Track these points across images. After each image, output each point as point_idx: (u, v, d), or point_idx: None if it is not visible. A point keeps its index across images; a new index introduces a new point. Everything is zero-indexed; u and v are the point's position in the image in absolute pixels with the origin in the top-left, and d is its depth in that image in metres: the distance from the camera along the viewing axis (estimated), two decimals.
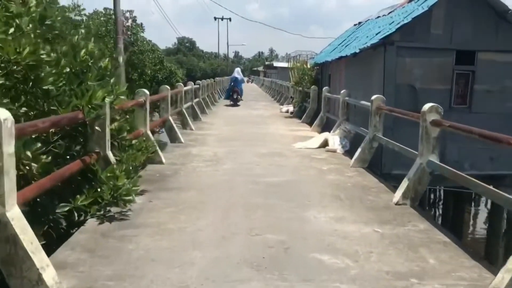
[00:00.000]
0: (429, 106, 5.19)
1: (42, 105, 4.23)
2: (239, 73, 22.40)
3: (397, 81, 8.54)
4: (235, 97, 21.45)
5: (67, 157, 4.64)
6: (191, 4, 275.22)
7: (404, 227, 4.42)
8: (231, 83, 22.01)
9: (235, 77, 21.86)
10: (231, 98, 21.67)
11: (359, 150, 7.46)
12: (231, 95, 21.75)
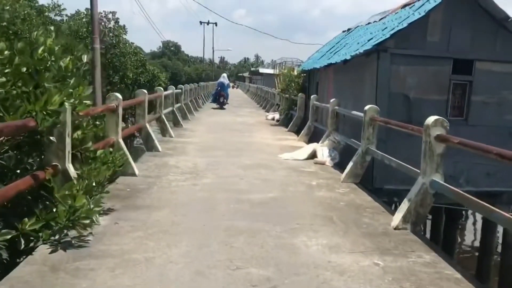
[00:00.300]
0: (433, 119, 4.64)
1: None
2: (225, 78, 23.14)
3: (390, 90, 8.03)
4: (221, 100, 22.42)
5: (18, 171, 3.98)
6: (178, 7, 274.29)
7: (407, 258, 3.84)
8: (218, 88, 22.90)
9: (222, 82, 22.69)
10: (217, 101, 22.57)
11: (350, 164, 6.90)
12: (217, 99, 22.67)
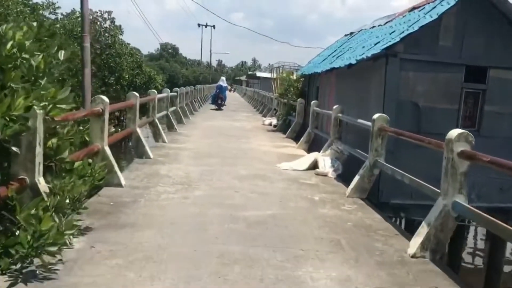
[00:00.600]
0: (456, 133, 4.09)
1: None
2: (224, 82, 25.21)
3: (398, 98, 7.49)
4: (219, 102, 24.39)
5: None
6: (176, 9, 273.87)
7: None
8: (217, 90, 24.80)
9: (220, 85, 24.70)
10: (216, 103, 24.51)
11: (357, 177, 6.34)
12: (216, 101, 24.61)
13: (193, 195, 5.75)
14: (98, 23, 24.23)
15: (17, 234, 3.22)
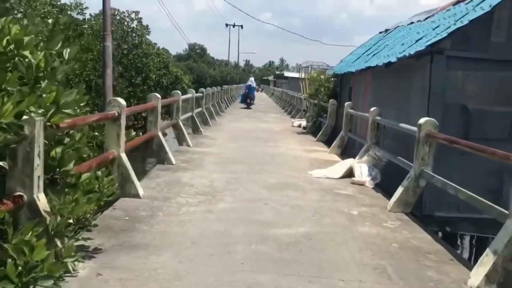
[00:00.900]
0: None
1: None
2: (252, 82, 27.66)
3: (445, 100, 6.74)
4: (248, 101, 26.15)
5: None
6: (204, 10, 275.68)
7: None
8: (246, 90, 26.91)
9: (249, 85, 26.90)
10: (245, 102, 26.30)
11: (400, 189, 5.65)
12: (245, 100, 26.44)
13: (217, 208, 5.19)
14: (125, 23, 24.15)
15: (10, 261, 2.73)
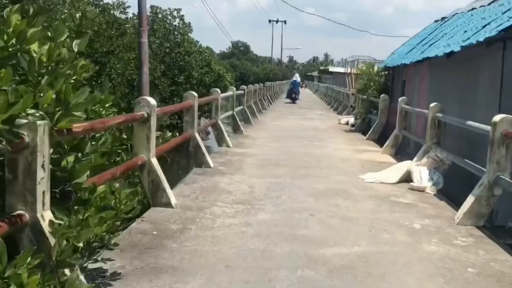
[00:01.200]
0: None
1: None
2: (297, 78, 29.19)
3: None
4: (293, 96, 27.22)
5: None
6: (247, 7, 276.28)
7: None
8: (291, 86, 28.27)
9: (294, 80, 28.32)
10: (290, 97, 27.50)
11: (471, 199, 4.81)
12: (290, 95, 27.68)
13: (256, 220, 4.57)
14: (167, 21, 24.04)
15: None
